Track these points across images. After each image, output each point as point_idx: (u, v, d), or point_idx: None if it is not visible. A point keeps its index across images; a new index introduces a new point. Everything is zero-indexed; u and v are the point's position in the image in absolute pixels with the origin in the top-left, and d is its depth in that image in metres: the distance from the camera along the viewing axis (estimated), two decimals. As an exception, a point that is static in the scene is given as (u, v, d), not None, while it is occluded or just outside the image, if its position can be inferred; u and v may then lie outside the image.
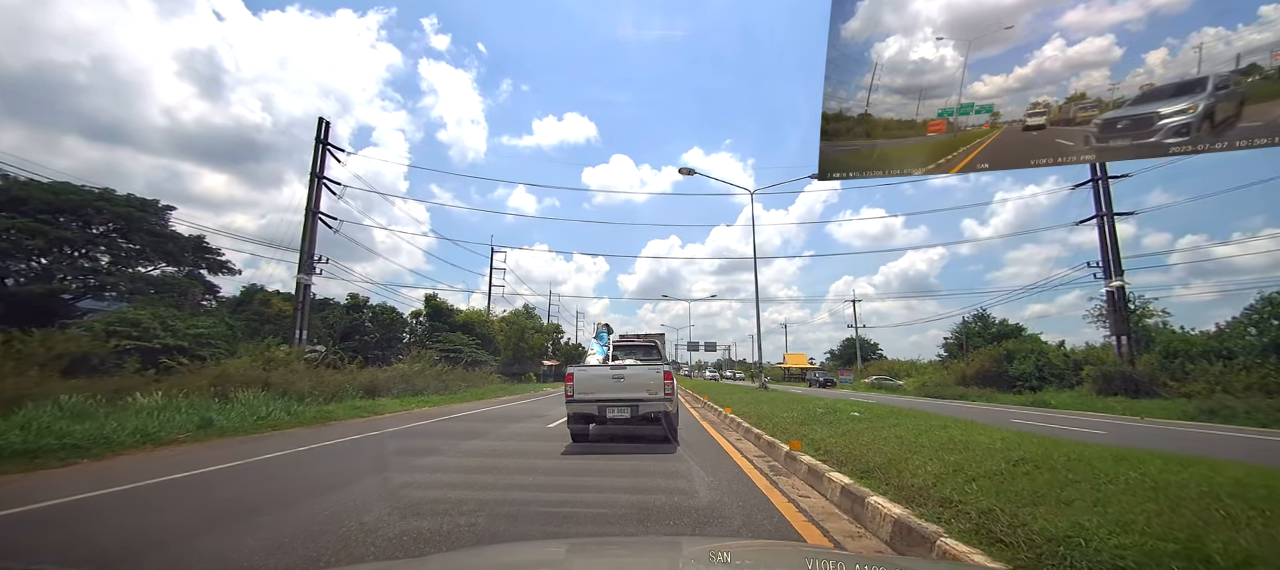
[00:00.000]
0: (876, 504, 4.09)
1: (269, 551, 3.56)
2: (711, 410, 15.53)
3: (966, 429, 7.07)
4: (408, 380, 19.80)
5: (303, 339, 27.66)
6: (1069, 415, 18.50)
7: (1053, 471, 4.37)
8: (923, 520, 3.54)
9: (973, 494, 3.96)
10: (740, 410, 12.83)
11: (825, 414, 10.17)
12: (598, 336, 12.85)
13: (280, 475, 6.41)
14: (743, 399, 16.89)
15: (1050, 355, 31.42)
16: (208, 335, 19.71)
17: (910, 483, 4.53)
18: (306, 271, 28.70)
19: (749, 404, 14.61)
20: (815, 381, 44.05)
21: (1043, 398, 24.16)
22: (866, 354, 61.24)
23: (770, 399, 16.55)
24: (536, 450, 8.26)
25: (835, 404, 12.65)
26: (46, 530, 4.24)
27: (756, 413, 11.72)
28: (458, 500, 4.86)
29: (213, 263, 30.16)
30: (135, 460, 7.28)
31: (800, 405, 12.80)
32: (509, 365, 38.14)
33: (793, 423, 9.14)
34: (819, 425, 8.49)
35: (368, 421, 12.71)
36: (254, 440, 9.12)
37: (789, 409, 11.87)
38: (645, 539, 3.80)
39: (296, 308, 28.08)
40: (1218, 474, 4.06)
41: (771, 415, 10.82)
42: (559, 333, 56.74)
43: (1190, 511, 3.20)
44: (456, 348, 33.39)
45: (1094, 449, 5.43)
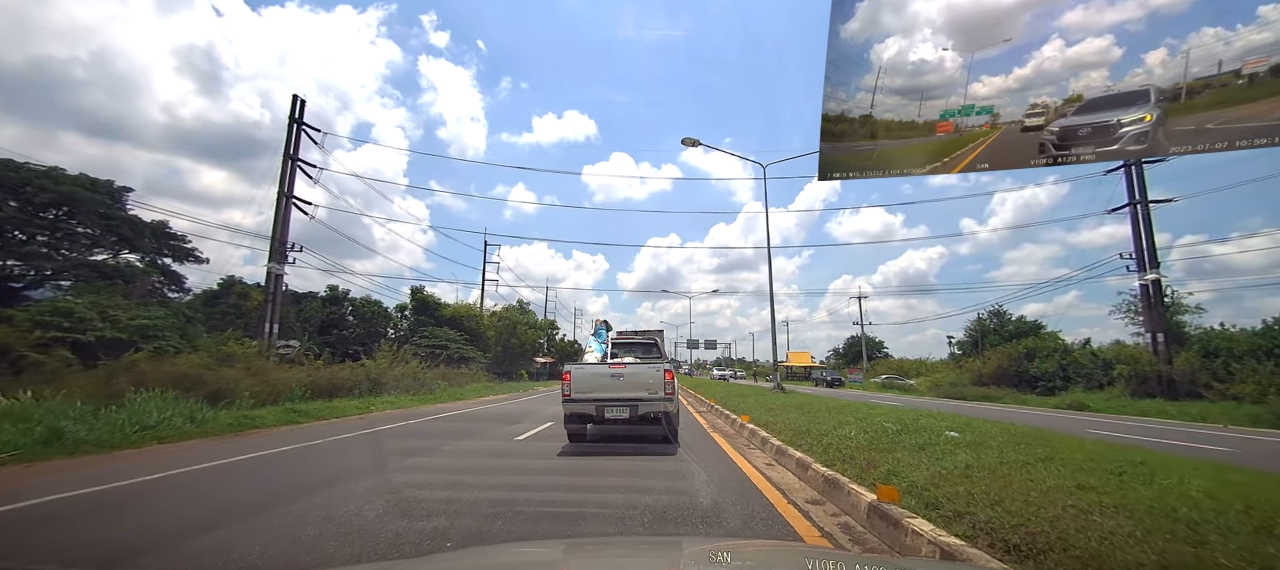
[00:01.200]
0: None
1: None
2: (721, 416, 13.14)
3: (1115, 453, 5.02)
4: (374, 378, 17.67)
5: (273, 333, 25.58)
6: (1128, 421, 16.48)
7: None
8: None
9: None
10: (761, 418, 10.13)
11: (900, 432, 7.16)
12: (596, 334, 12.26)
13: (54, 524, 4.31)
14: (759, 404, 14.08)
15: (1075, 354, 29.48)
16: (154, 327, 17.56)
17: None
18: (278, 260, 26.58)
19: (771, 411, 11.57)
20: (822, 380, 41.85)
21: (1078, 399, 22.16)
22: (871, 352, 59.23)
23: (799, 405, 13.07)
24: (487, 482, 5.99)
25: (901, 414, 9.76)
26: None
27: (788, 425, 8.70)
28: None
29: (179, 251, 27.96)
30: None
31: (849, 416, 9.59)
32: (499, 363, 35.98)
33: (857, 447, 6.27)
34: (903, 452, 5.78)
35: (294, 430, 10.40)
36: (102, 462, 6.86)
37: (833, 420, 8.95)
38: (645, 539, 3.72)
39: (266, 299, 25.98)
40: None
41: (813, 429, 7.89)
42: (554, 329, 54.58)
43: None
44: (442, 343, 31.25)
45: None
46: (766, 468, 6.71)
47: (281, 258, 26.81)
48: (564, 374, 8.28)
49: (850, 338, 69.95)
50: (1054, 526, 3.08)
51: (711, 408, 15.51)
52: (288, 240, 27.05)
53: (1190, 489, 3.62)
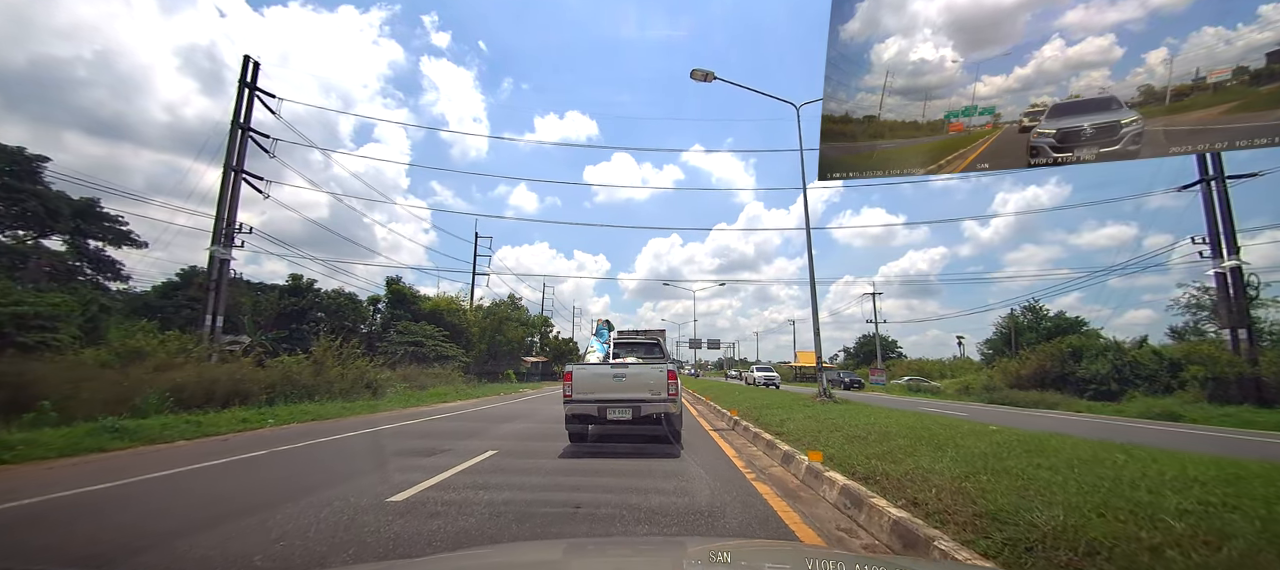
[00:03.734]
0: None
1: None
2: (742, 434, 9.40)
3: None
4: (292, 380, 14.28)
5: (215, 326, 22.23)
6: (1260, 437, 12.83)
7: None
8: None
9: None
10: (844, 457, 5.70)
11: (1110, 489, 3.74)
12: (598, 333, 12.00)
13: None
14: (813, 422, 9.03)
15: (1133, 353, 26.01)
16: (39, 313, 14.22)
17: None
18: (223, 243, 23.23)
19: (851, 440, 6.89)
20: (839, 382, 38.15)
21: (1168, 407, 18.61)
22: (884, 352, 55.69)
23: (882, 430, 7.76)
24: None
25: (1010, 440, 6.51)
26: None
27: (944, 482, 4.33)
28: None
29: (114, 233, 24.63)
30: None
31: (996, 450, 5.65)
32: (483, 361, 32.58)
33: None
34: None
35: (50, 469, 6.68)
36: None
37: (995, 459, 5.09)
38: (647, 539, 3.66)
39: (207, 288, 22.62)
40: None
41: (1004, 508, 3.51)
42: (548, 326, 51.09)
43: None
44: (417, 339, 27.86)
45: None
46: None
47: (228, 241, 23.47)
48: (566, 374, 8.16)
49: (861, 336, 66.66)
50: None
51: (734, 423, 10.77)
52: (236, 220, 23.72)
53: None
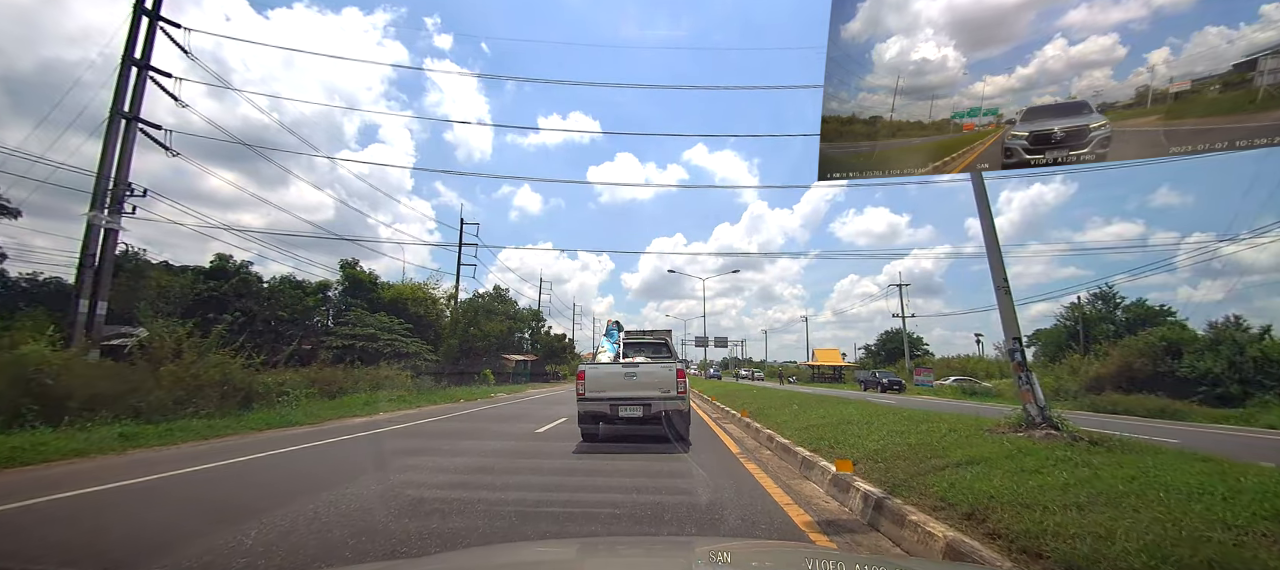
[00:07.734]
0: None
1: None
2: (788, 469, 5.84)
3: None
4: (107, 385, 9.24)
5: (93, 314, 17.28)
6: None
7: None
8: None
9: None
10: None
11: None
12: (608, 334, 11.78)
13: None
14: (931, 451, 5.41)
15: (1259, 348, 20.77)
16: None
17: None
18: (111, 209, 18.26)
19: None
20: (875, 383, 32.14)
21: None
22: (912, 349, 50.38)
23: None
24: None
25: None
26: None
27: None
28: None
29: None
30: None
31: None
32: (455, 359, 27.52)
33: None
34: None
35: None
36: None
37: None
38: (656, 539, 3.67)
39: (83, 264, 17.61)
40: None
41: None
42: (539, 321, 45.91)
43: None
44: (371, 333, 22.85)
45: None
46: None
47: (116, 208, 18.47)
48: (578, 374, 8.42)
49: (883, 333, 61.31)
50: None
51: (797, 456, 6.57)
52: (125, 180, 18.73)
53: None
